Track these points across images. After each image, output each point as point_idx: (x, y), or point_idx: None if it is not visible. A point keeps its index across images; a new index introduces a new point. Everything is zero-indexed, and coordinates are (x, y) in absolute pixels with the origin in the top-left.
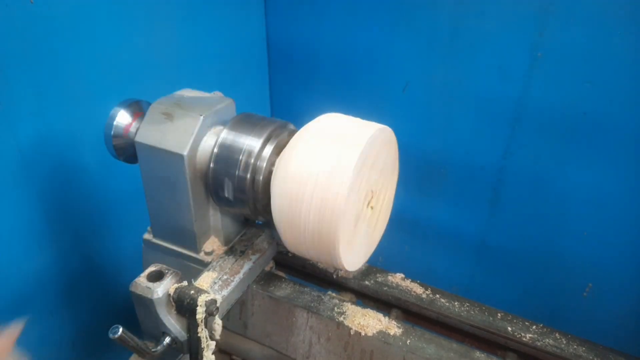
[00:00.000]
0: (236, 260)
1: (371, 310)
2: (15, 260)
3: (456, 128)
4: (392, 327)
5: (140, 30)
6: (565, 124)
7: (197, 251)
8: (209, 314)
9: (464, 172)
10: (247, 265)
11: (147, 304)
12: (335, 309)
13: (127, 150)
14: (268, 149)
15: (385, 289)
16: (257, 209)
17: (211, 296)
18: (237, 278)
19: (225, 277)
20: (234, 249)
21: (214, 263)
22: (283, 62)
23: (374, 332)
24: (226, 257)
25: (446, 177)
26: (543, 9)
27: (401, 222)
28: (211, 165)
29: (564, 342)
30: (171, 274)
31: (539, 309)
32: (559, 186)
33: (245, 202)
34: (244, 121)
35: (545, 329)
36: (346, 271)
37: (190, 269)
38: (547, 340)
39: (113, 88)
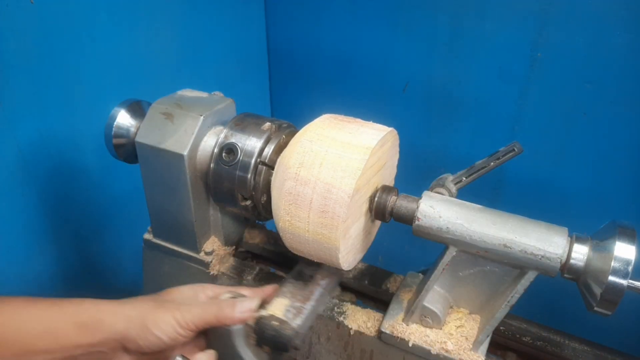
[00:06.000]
0: (306, 286)
1: (371, 310)
2: (15, 261)
3: (456, 128)
4: None
5: (141, 30)
6: (565, 124)
7: (198, 251)
8: (294, 347)
9: None
10: (317, 292)
11: (224, 334)
12: (335, 308)
13: (127, 151)
14: (268, 149)
15: (384, 288)
16: (257, 209)
17: (295, 328)
18: (310, 305)
19: (297, 304)
20: (302, 273)
21: (284, 289)
22: (283, 62)
23: (374, 332)
24: (294, 281)
25: None
26: (543, 9)
27: None
28: (211, 165)
29: (564, 342)
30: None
31: (539, 309)
32: (559, 186)
33: (246, 202)
34: (244, 121)
35: (545, 329)
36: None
37: (191, 268)
38: (547, 340)
39: (113, 88)
